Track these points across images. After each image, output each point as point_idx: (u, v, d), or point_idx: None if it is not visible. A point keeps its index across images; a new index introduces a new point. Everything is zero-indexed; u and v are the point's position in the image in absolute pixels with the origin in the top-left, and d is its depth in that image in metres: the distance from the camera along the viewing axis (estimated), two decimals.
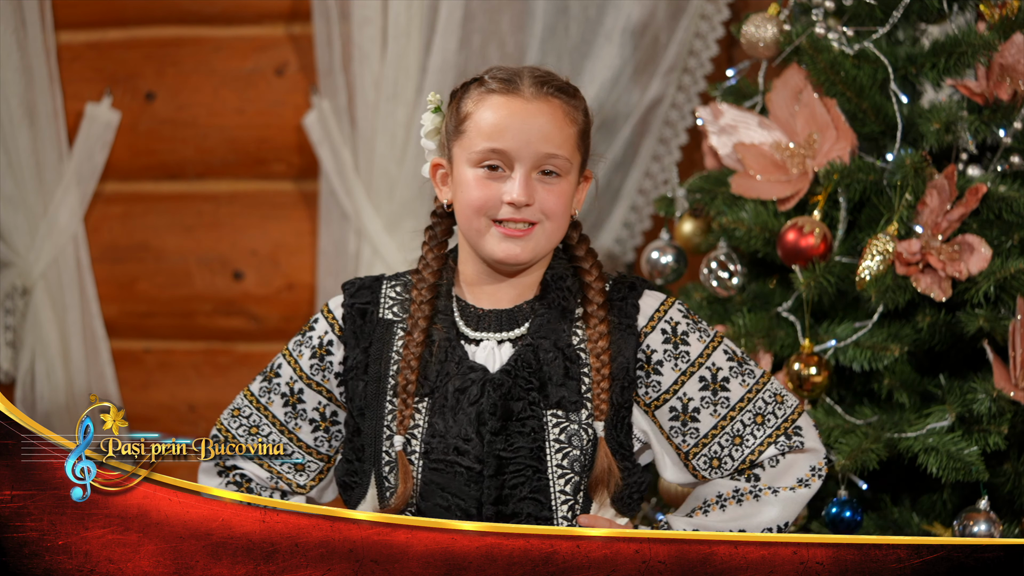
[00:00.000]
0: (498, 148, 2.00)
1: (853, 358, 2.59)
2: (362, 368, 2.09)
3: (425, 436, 2.02)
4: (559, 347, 2.04)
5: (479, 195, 2.01)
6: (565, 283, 2.09)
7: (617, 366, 2.05)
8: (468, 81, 2.07)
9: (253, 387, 2.15)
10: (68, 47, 3.76)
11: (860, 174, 2.62)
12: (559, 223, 2.04)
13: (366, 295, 2.12)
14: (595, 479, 2.03)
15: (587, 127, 2.07)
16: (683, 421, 2.06)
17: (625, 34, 3.53)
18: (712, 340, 2.08)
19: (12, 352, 3.80)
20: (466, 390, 2.02)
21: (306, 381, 2.12)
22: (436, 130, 2.11)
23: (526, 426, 2.01)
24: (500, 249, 2.01)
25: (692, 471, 2.08)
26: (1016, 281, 2.49)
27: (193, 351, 3.80)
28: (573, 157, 2.03)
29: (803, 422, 2.10)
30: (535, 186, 2.00)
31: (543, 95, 2.02)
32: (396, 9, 3.49)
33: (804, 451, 2.09)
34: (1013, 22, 2.62)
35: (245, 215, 3.74)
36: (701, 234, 2.92)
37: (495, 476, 2.00)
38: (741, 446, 2.06)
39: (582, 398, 2.03)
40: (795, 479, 2.07)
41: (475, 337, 2.06)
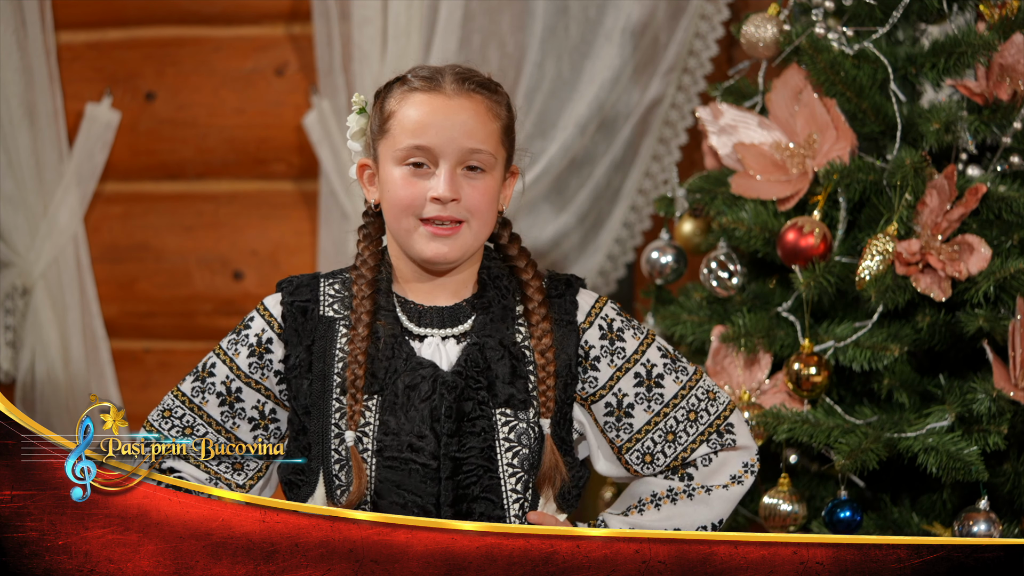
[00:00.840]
0: (422, 145, 2.01)
1: (853, 358, 2.59)
2: (306, 366, 2.07)
3: (377, 434, 2.02)
4: (505, 345, 2.05)
5: (405, 193, 2.02)
6: (502, 282, 2.10)
7: (560, 363, 2.07)
8: (391, 80, 2.08)
9: (183, 387, 2.11)
10: (68, 47, 3.76)
11: (860, 174, 2.62)
12: (485, 219, 2.05)
13: (305, 293, 2.11)
14: (543, 476, 2.05)
15: (511, 122, 2.09)
16: (617, 416, 2.09)
17: (625, 34, 3.53)
18: (646, 337, 2.11)
19: (12, 352, 3.80)
20: (416, 386, 2.02)
21: (244, 379, 2.10)
22: (361, 131, 2.13)
23: (476, 426, 2.02)
24: (429, 249, 2.02)
25: (625, 465, 2.11)
26: (1016, 281, 2.49)
27: (193, 351, 3.79)
28: (497, 152, 2.04)
29: (735, 419, 2.13)
30: (460, 182, 2.02)
31: (465, 91, 2.03)
32: (396, 9, 3.49)
33: (736, 448, 2.12)
34: (1013, 22, 2.62)
35: (245, 215, 3.74)
36: (701, 234, 2.92)
37: (450, 478, 2.01)
38: (674, 443, 2.09)
39: (529, 396, 2.05)
40: (728, 476, 2.11)
41: (419, 333, 2.07)
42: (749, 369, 2.69)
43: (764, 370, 2.69)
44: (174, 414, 2.10)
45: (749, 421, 2.62)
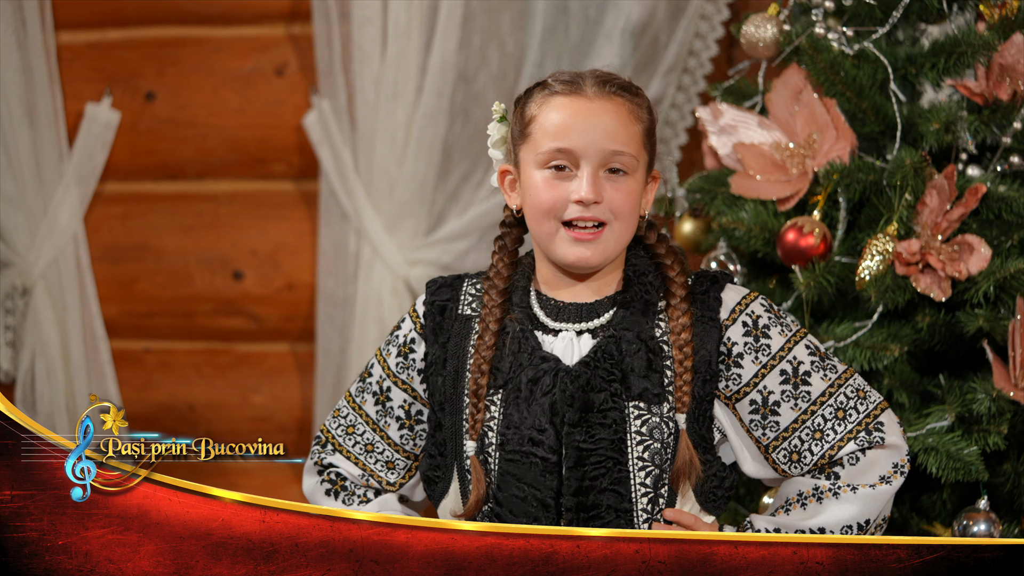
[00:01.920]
0: (564, 147, 2.01)
1: (853, 358, 2.59)
2: (441, 363, 2.11)
3: (500, 428, 2.04)
4: (642, 339, 2.04)
5: (547, 196, 2.02)
6: (647, 278, 2.10)
7: (699, 359, 2.05)
8: (531, 87, 2.09)
9: (352, 388, 2.19)
10: (68, 47, 3.76)
11: (860, 174, 2.62)
12: (628, 223, 2.05)
13: (446, 292, 2.14)
14: (677, 471, 2.03)
15: (652, 125, 2.09)
16: (763, 414, 2.07)
17: (625, 34, 3.53)
18: (794, 334, 2.08)
19: (12, 352, 3.80)
20: (539, 380, 2.03)
21: (393, 379, 2.15)
22: (503, 139, 2.14)
23: (607, 417, 2.02)
24: (571, 253, 2.03)
25: (772, 464, 2.09)
26: (1016, 281, 2.49)
27: (193, 351, 3.80)
28: (639, 155, 2.05)
29: (885, 418, 2.09)
30: (603, 184, 2.02)
31: (606, 94, 2.03)
32: (396, 9, 3.49)
33: (885, 447, 2.08)
34: (1013, 22, 2.62)
35: (245, 215, 3.74)
36: (701, 234, 2.92)
37: (575, 468, 2.01)
38: (821, 440, 2.06)
39: (664, 391, 2.04)
40: (877, 476, 2.07)
41: (554, 327, 2.07)
42: None
43: None
44: (341, 414, 2.19)
45: None
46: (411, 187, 3.54)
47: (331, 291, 3.65)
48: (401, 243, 3.57)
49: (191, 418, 3.78)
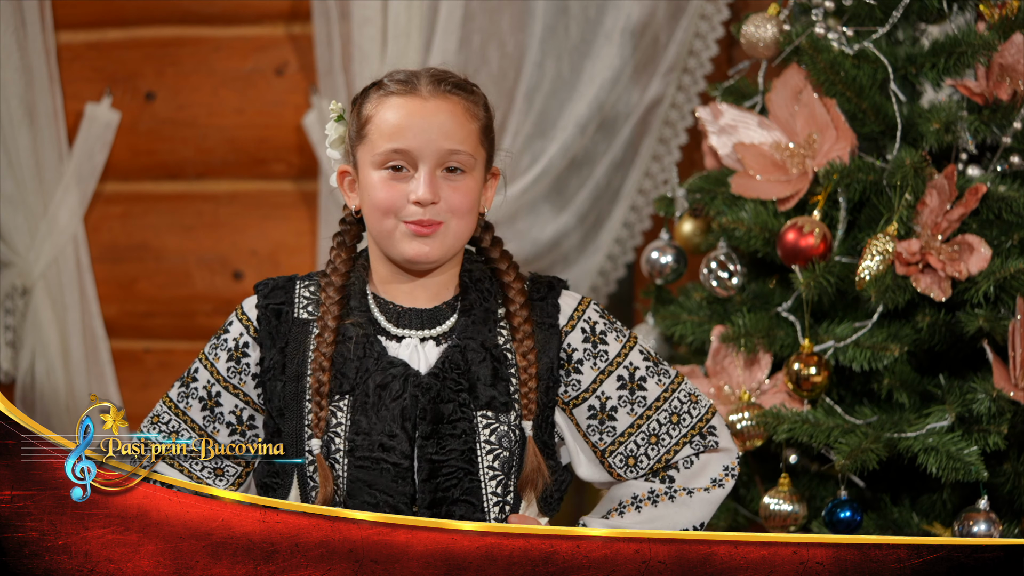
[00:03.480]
0: (400, 148, 2.00)
1: (853, 358, 2.59)
2: (279, 368, 2.07)
3: (349, 434, 2.02)
4: (486, 347, 2.04)
5: (385, 196, 2.01)
6: (484, 284, 2.10)
7: (543, 366, 2.06)
8: (368, 86, 2.08)
9: (172, 393, 2.13)
10: (68, 47, 3.76)
11: (860, 174, 2.62)
12: (467, 220, 2.04)
13: (280, 295, 2.10)
14: (525, 479, 2.04)
15: (489, 122, 2.08)
16: (600, 419, 2.08)
17: (625, 34, 3.53)
18: (628, 340, 2.10)
19: (12, 352, 3.80)
20: (387, 386, 2.02)
21: (223, 384, 2.10)
22: (340, 139, 2.13)
23: (457, 428, 2.01)
24: (411, 249, 2.02)
25: (608, 468, 2.10)
26: (1016, 281, 2.49)
27: (193, 351, 3.76)
28: (477, 153, 2.04)
29: (716, 422, 2.12)
30: (440, 184, 2.01)
31: (441, 92, 2.03)
32: (396, 9, 3.49)
33: (718, 451, 2.11)
34: (1013, 22, 2.62)
35: (245, 215, 3.74)
36: (701, 234, 2.92)
37: (428, 480, 2.00)
38: (657, 445, 2.08)
39: (511, 399, 2.04)
40: (709, 479, 2.09)
41: (397, 333, 2.06)
42: (749, 369, 2.70)
43: (764, 370, 2.69)
44: (161, 419, 2.12)
45: (749, 421, 2.62)
46: None
47: None
48: None
49: None
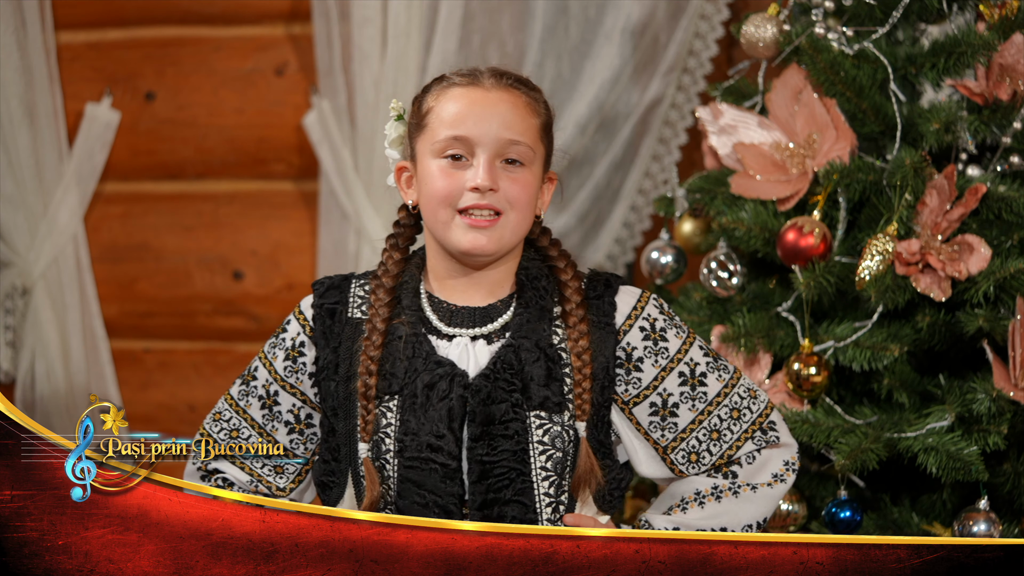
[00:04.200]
0: (460, 135, 2.00)
1: (853, 358, 2.59)
2: (332, 368, 2.08)
3: (398, 434, 2.02)
4: (541, 347, 2.04)
5: (443, 184, 2.01)
6: (540, 283, 2.08)
7: (598, 365, 2.05)
8: (429, 83, 2.09)
9: (233, 391, 2.14)
10: (68, 47, 3.76)
11: (860, 174, 2.62)
12: (524, 214, 2.03)
13: (335, 295, 2.11)
14: (578, 479, 2.03)
15: (549, 121, 2.08)
16: (662, 416, 2.07)
17: (625, 34, 3.54)
18: (688, 336, 2.09)
19: (12, 352, 3.80)
20: (435, 385, 2.01)
21: (280, 383, 2.11)
22: (400, 138, 2.13)
23: (509, 429, 2.01)
24: (466, 240, 2.01)
25: (670, 465, 2.09)
26: (1016, 281, 2.49)
27: (193, 351, 3.80)
28: (536, 147, 2.04)
29: (775, 417, 2.12)
30: (498, 173, 2.01)
31: (503, 85, 2.03)
32: (396, 9, 3.49)
33: (779, 446, 2.11)
34: (1013, 22, 2.62)
35: (245, 215, 3.74)
36: (701, 234, 2.92)
37: (479, 481, 2.00)
38: (719, 441, 2.08)
39: (564, 399, 2.03)
40: (770, 475, 2.09)
41: (448, 332, 2.05)
42: (749, 369, 2.70)
43: (764, 370, 2.69)
44: (223, 417, 2.13)
45: None
46: None
47: None
48: None
49: (191, 418, 3.78)
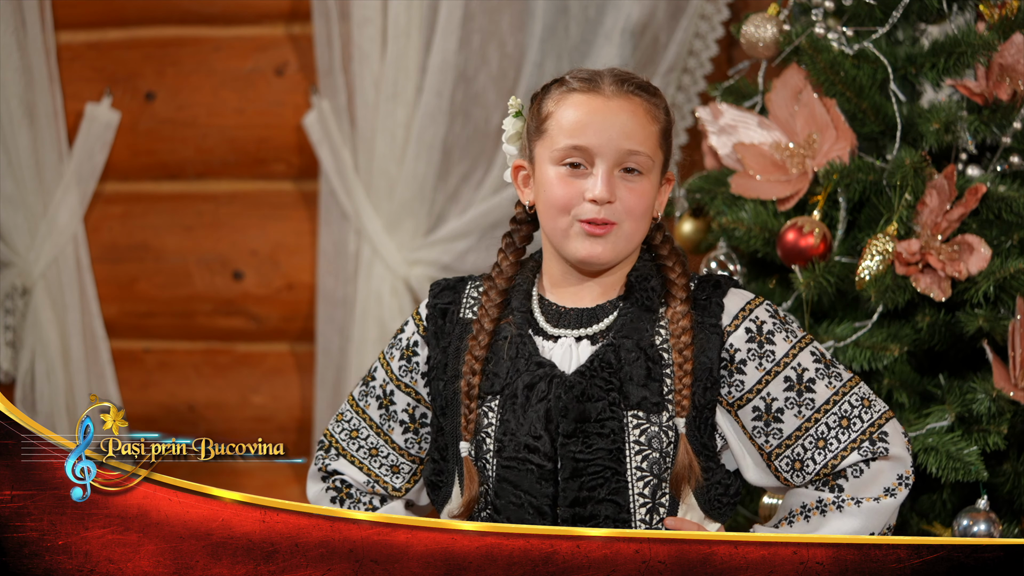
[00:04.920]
0: (580, 145, 2.00)
1: (853, 358, 2.59)
2: (442, 367, 2.09)
3: (498, 434, 2.02)
4: (642, 347, 2.02)
5: (562, 192, 2.01)
6: (649, 283, 2.07)
7: (700, 365, 2.02)
8: (549, 83, 2.08)
9: (355, 392, 2.18)
10: (68, 47, 3.76)
11: (860, 174, 2.62)
12: (640, 223, 2.03)
13: (449, 295, 2.13)
14: (675, 475, 2.01)
15: (669, 126, 2.07)
16: (766, 421, 2.04)
17: (625, 34, 3.53)
18: (799, 340, 2.05)
19: (12, 352, 3.80)
20: (534, 386, 2.01)
21: (396, 383, 2.13)
22: (517, 134, 2.12)
23: (605, 427, 2.00)
24: (583, 248, 2.01)
25: (775, 472, 2.06)
26: (1016, 281, 2.49)
27: (193, 351, 3.80)
28: (655, 155, 2.03)
29: (890, 428, 2.05)
30: (617, 183, 2.00)
31: (624, 93, 2.02)
32: (396, 9, 3.49)
33: (888, 458, 2.04)
34: (1013, 22, 2.62)
35: (245, 215, 3.74)
36: (701, 234, 2.92)
37: (571, 479, 1.99)
38: (824, 449, 2.03)
39: (664, 400, 2.01)
40: (881, 488, 2.04)
41: (553, 333, 2.05)
42: None
43: None
44: (344, 417, 2.17)
45: None
46: (411, 187, 3.54)
47: (331, 291, 3.65)
48: (401, 243, 3.57)
49: (191, 418, 3.78)
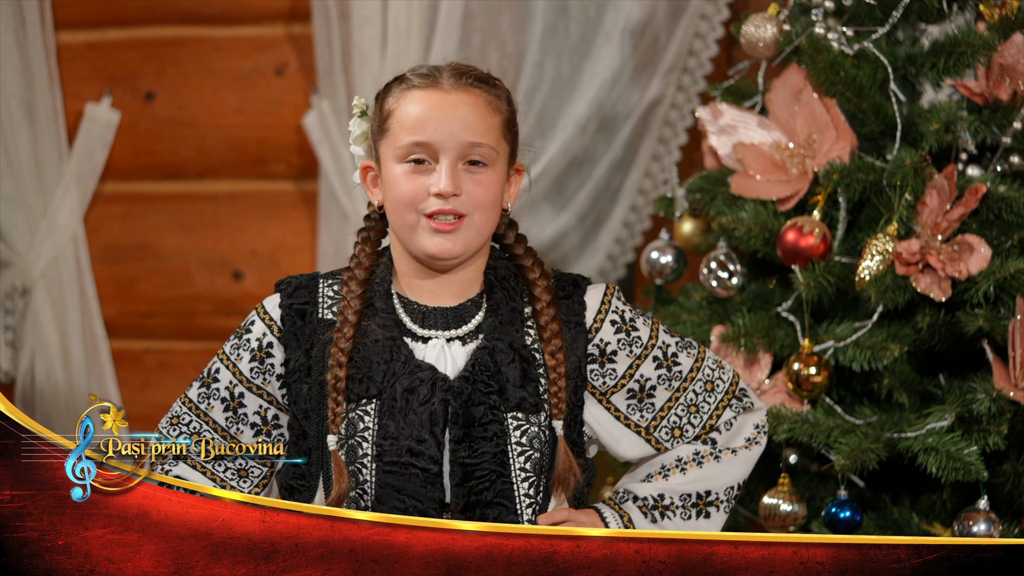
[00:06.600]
0: (421, 140, 2.00)
1: (853, 358, 2.59)
2: (305, 371, 2.06)
3: (376, 438, 2.00)
4: (515, 348, 2.04)
5: (407, 189, 2.01)
6: (509, 282, 2.09)
7: (571, 364, 2.06)
8: (390, 81, 2.07)
9: (191, 393, 2.10)
10: (68, 47, 3.76)
11: (860, 174, 2.62)
12: (489, 215, 2.03)
13: (304, 295, 2.09)
14: (557, 478, 2.04)
15: (512, 116, 2.07)
16: (639, 399, 2.10)
17: (625, 34, 3.54)
18: (654, 321, 2.13)
19: (12, 352, 3.80)
20: (415, 390, 2.00)
21: (246, 385, 2.08)
22: (364, 135, 2.12)
23: (488, 431, 2.01)
24: (432, 244, 2.01)
25: (656, 445, 2.12)
26: (1016, 281, 2.49)
27: (193, 351, 3.80)
28: (499, 146, 2.03)
29: (744, 384, 2.18)
30: (462, 176, 2.00)
31: (463, 85, 2.02)
32: (396, 9, 3.49)
33: (754, 410, 2.16)
34: (1013, 22, 2.62)
35: (245, 215, 3.74)
36: (701, 234, 2.92)
37: (461, 484, 2.00)
38: (698, 413, 2.12)
39: (540, 399, 2.04)
40: (744, 439, 2.14)
41: (423, 335, 2.05)
42: (749, 369, 2.70)
43: (764, 370, 2.69)
44: (182, 420, 2.09)
45: None
46: None
47: None
48: None
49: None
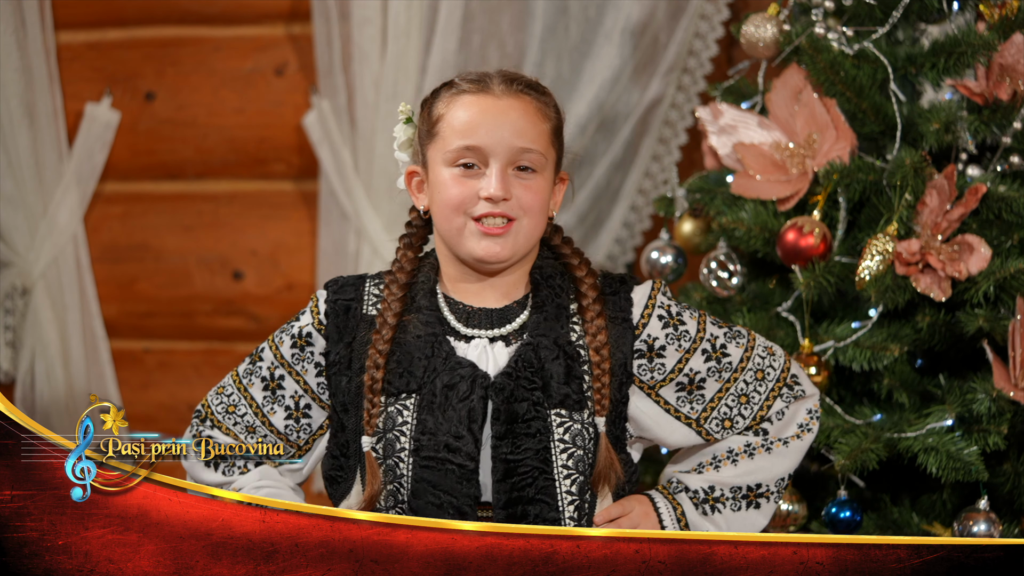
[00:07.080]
0: (472, 145, 2.01)
1: (853, 358, 2.59)
2: (345, 363, 2.09)
3: (415, 433, 2.02)
4: (559, 345, 2.05)
5: (456, 192, 2.02)
6: (555, 280, 2.10)
7: (616, 361, 2.06)
8: (438, 87, 2.09)
9: (240, 368, 2.17)
10: (68, 47, 3.76)
11: (860, 174, 2.62)
12: (536, 220, 2.05)
13: (350, 291, 2.12)
14: (598, 474, 2.04)
15: (559, 124, 2.09)
16: (689, 391, 2.10)
17: (625, 34, 3.54)
18: (701, 314, 2.14)
19: (12, 352, 3.80)
20: (455, 386, 2.02)
21: (287, 368, 2.12)
22: (409, 141, 2.14)
23: (531, 427, 2.01)
24: (480, 248, 2.02)
25: (706, 437, 2.13)
26: (1016, 281, 2.49)
27: (193, 351, 3.80)
28: (548, 153, 2.05)
29: (795, 369, 2.17)
30: (511, 181, 2.02)
31: (513, 92, 2.04)
32: (396, 9, 3.49)
33: (805, 398, 2.16)
34: (1013, 22, 2.62)
35: (245, 215, 3.74)
36: (701, 234, 2.92)
37: (503, 480, 2.00)
38: (749, 404, 2.12)
39: (584, 396, 2.04)
40: (797, 427, 2.15)
41: (466, 333, 2.06)
42: None
43: None
44: (225, 391, 2.17)
45: None
46: None
47: None
48: None
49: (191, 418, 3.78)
